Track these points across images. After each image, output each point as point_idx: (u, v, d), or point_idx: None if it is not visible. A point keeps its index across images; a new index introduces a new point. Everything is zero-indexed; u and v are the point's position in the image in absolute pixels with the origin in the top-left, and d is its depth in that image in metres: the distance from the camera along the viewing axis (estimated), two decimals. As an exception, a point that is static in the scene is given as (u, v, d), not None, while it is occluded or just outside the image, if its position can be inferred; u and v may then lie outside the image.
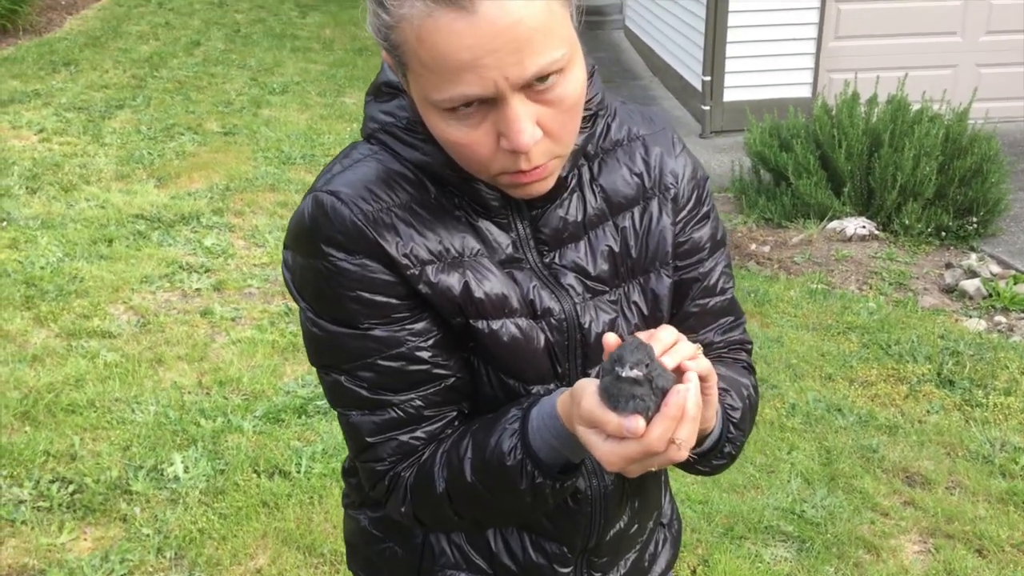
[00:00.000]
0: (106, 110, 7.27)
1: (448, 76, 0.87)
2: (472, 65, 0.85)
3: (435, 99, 0.89)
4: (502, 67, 0.86)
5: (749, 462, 3.33)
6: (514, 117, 0.89)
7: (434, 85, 0.88)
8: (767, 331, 4.33)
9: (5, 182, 5.64)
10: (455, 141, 0.93)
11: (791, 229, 5.63)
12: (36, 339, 3.93)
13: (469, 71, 0.85)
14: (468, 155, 0.94)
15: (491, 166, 0.94)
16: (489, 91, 0.87)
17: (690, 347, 0.91)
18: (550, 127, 0.92)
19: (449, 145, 0.94)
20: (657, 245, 1.12)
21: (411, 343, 1.01)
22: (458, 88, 0.87)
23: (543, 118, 0.91)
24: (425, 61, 0.87)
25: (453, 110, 0.90)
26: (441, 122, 0.92)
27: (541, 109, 0.91)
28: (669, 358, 0.88)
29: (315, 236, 0.99)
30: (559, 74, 0.90)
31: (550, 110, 0.91)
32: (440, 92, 0.88)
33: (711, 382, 0.93)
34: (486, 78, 0.86)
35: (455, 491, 1.02)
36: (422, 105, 0.93)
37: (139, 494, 2.99)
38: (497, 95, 0.88)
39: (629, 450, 0.85)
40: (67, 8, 10.52)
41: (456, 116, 0.91)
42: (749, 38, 7.04)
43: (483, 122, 0.91)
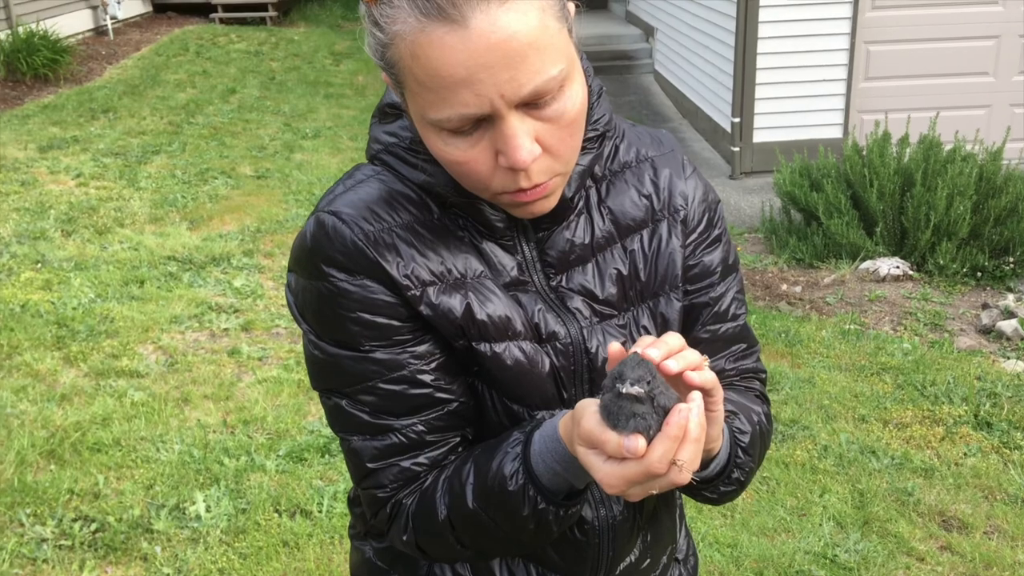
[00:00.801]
0: (142, 155, 7.41)
1: (443, 94, 0.85)
2: (467, 82, 0.84)
3: (432, 118, 0.88)
4: (497, 84, 0.84)
5: (780, 504, 3.25)
6: (511, 134, 0.87)
7: (430, 103, 0.87)
8: (798, 371, 4.26)
9: (41, 225, 5.74)
10: (453, 160, 0.91)
11: (823, 269, 5.56)
12: (65, 379, 3.96)
13: (464, 88, 0.84)
14: (467, 174, 0.92)
15: (491, 185, 0.93)
16: (485, 109, 0.86)
17: (696, 356, 0.88)
18: (549, 143, 0.91)
19: (448, 164, 0.93)
20: (667, 268, 1.09)
21: (413, 366, 0.99)
22: (454, 107, 0.86)
23: (542, 134, 0.90)
24: (420, 78, 0.86)
25: (451, 129, 0.89)
26: (439, 141, 0.91)
27: (539, 125, 0.89)
28: (675, 362, 0.84)
29: (316, 256, 0.98)
30: (557, 90, 0.88)
31: (549, 126, 0.90)
32: (437, 111, 0.87)
33: (717, 398, 0.90)
34: (482, 95, 0.85)
35: (457, 518, 0.99)
36: (420, 124, 0.92)
37: (160, 533, 2.97)
38: (493, 113, 0.86)
39: (630, 471, 0.82)
40: (107, 58, 10.79)
41: (454, 135, 0.89)
42: (779, 79, 7.04)
43: (481, 140, 0.89)
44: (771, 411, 1.20)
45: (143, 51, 11.35)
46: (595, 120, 1.04)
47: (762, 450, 1.13)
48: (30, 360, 4.08)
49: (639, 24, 11.33)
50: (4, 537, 2.90)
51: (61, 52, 9.59)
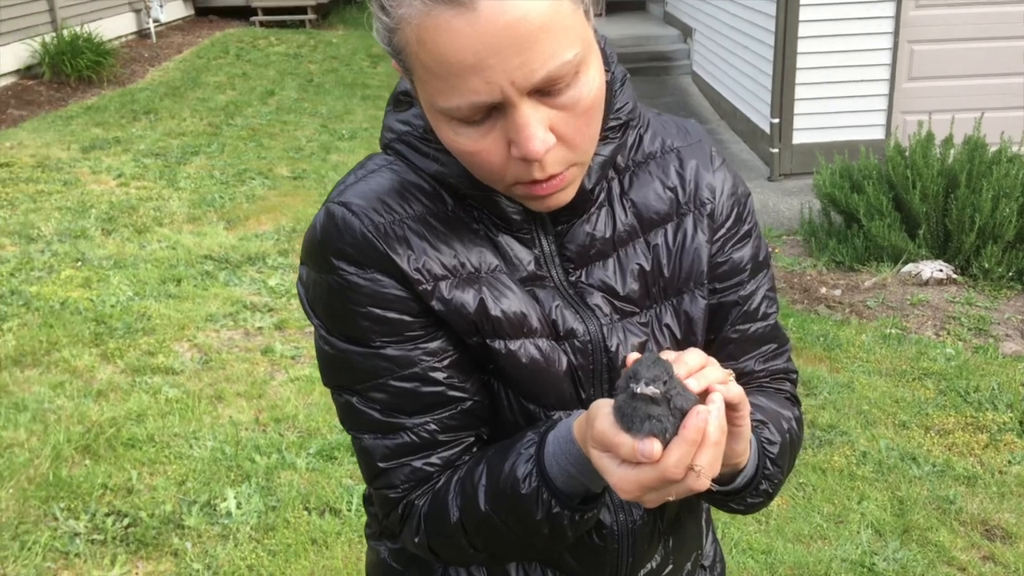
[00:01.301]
0: (182, 156, 7.48)
1: (451, 81, 0.82)
2: (475, 68, 0.80)
3: (441, 106, 0.85)
4: (507, 70, 0.80)
5: (816, 511, 3.18)
6: (523, 123, 0.84)
7: (438, 91, 0.84)
8: (837, 376, 4.18)
9: (82, 224, 5.82)
10: (464, 150, 0.88)
11: (863, 272, 5.46)
12: (102, 375, 4.00)
13: (473, 75, 0.81)
14: (479, 165, 0.89)
15: (504, 176, 0.89)
16: (495, 96, 0.82)
17: (720, 372, 0.84)
18: (564, 132, 0.87)
19: (459, 154, 0.90)
20: (691, 264, 1.05)
21: (425, 363, 0.97)
22: (463, 95, 0.82)
23: (556, 123, 0.86)
24: (427, 65, 0.83)
25: (461, 118, 0.85)
26: (449, 130, 0.88)
27: (554, 114, 0.85)
28: (695, 381, 0.81)
29: (325, 249, 0.96)
30: (572, 76, 0.85)
31: (563, 114, 0.86)
32: (445, 99, 0.84)
33: (743, 412, 0.86)
34: (491, 82, 0.81)
35: (469, 521, 0.96)
36: (430, 113, 0.89)
37: (191, 529, 2.98)
38: (504, 100, 0.83)
39: (644, 476, 0.78)
40: (149, 60, 10.94)
41: (464, 124, 0.86)
42: (819, 79, 6.93)
43: (492, 129, 0.86)
44: (802, 413, 1.16)
45: (184, 54, 11.49)
46: (618, 108, 1.00)
47: (792, 458, 1.09)
48: (68, 356, 4.12)
49: (677, 25, 11.24)
50: (38, 531, 2.93)
51: (104, 54, 9.74)
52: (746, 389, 1.11)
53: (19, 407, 3.66)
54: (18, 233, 5.61)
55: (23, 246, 5.42)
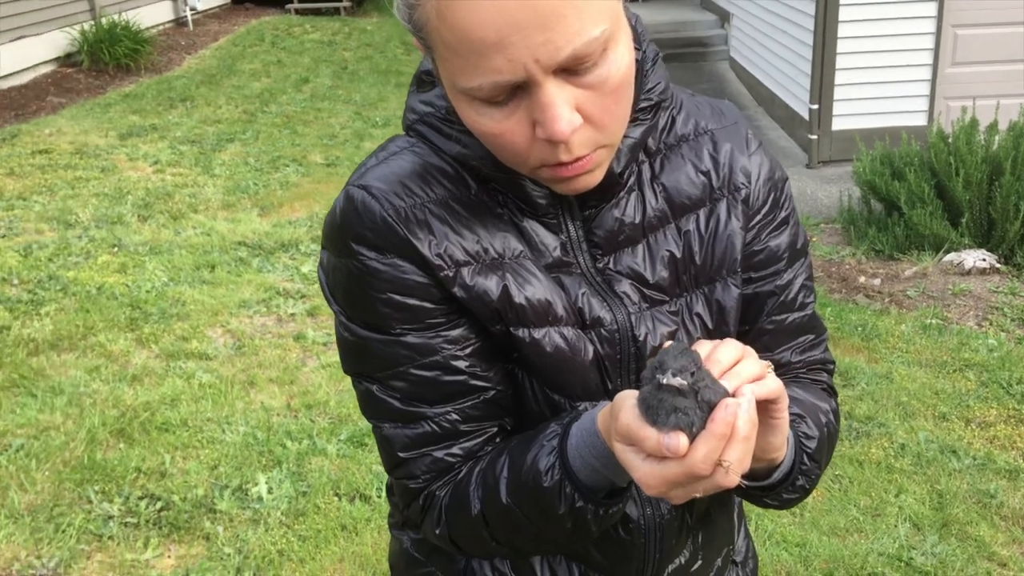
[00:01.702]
0: (217, 143, 7.53)
1: (473, 60, 0.78)
2: (498, 45, 0.77)
3: (463, 86, 0.82)
4: (531, 47, 0.77)
5: (852, 504, 3.12)
6: (549, 103, 0.80)
7: (460, 70, 0.81)
8: (875, 367, 4.10)
9: (119, 210, 5.87)
10: (487, 132, 0.85)
11: (904, 261, 5.35)
12: (137, 359, 4.04)
13: (496, 52, 0.77)
14: (502, 147, 0.86)
15: (529, 158, 0.86)
16: (519, 75, 0.78)
17: (755, 366, 0.80)
18: (591, 113, 0.83)
19: (482, 136, 0.87)
20: (724, 251, 1.01)
21: (446, 351, 0.94)
22: (485, 74, 0.79)
23: (583, 103, 0.82)
24: (448, 42, 0.79)
25: (483, 98, 0.82)
26: (471, 111, 0.84)
27: (580, 93, 0.82)
28: (728, 381, 0.78)
29: (344, 233, 0.93)
30: (599, 54, 0.81)
31: (591, 94, 0.82)
32: (467, 78, 0.80)
33: (781, 405, 0.83)
34: (514, 60, 0.77)
35: (491, 514, 0.93)
36: (451, 92, 0.86)
37: (223, 513, 3.00)
38: (529, 79, 0.79)
39: (670, 472, 0.75)
40: (186, 48, 11.01)
41: (487, 104, 0.82)
42: (860, 64, 6.79)
43: (517, 110, 0.82)
44: (839, 404, 1.12)
45: (221, 41, 11.56)
46: (649, 88, 0.96)
47: (829, 452, 1.05)
48: (104, 341, 4.16)
49: (714, 10, 11.09)
50: (72, 513, 2.96)
51: (142, 42, 9.82)
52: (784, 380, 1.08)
53: (56, 391, 3.70)
54: (56, 219, 5.67)
55: (61, 232, 5.49)
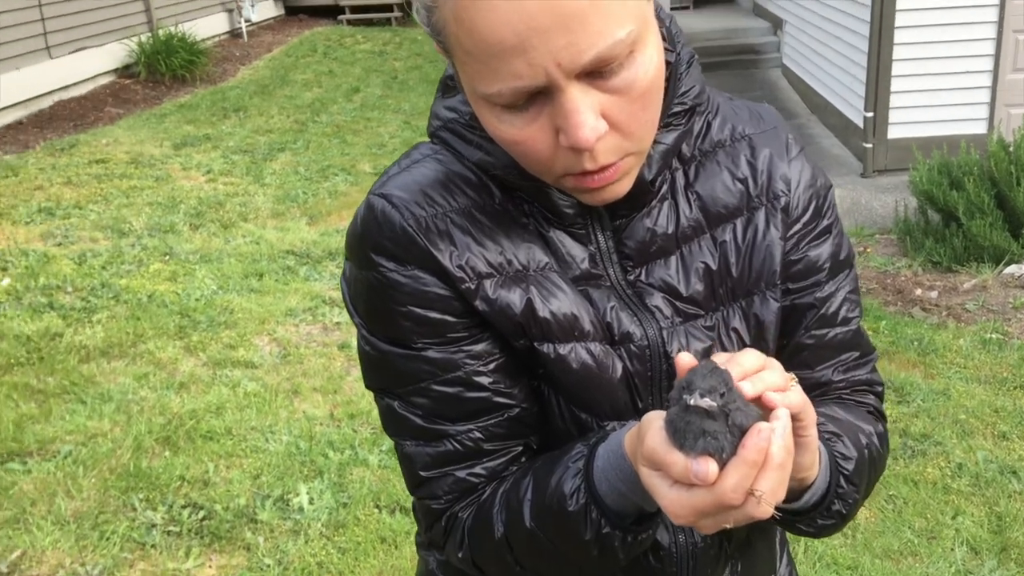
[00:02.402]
0: (268, 152, 7.61)
1: (492, 64, 0.75)
2: (517, 49, 0.73)
3: (483, 91, 0.78)
4: (552, 51, 0.73)
5: (907, 525, 3.02)
6: (572, 109, 0.76)
7: (480, 75, 0.77)
8: (932, 383, 3.97)
9: (171, 219, 5.95)
10: (509, 139, 0.81)
11: (962, 273, 5.20)
12: (185, 367, 4.07)
13: (515, 56, 0.73)
14: (525, 154, 0.82)
15: (553, 167, 0.82)
16: (540, 80, 0.75)
17: (778, 377, 0.75)
18: (618, 119, 0.79)
19: (504, 143, 0.83)
20: (763, 263, 0.96)
21: (469, 367, 0.90)
22: (505, 80, 0.75)
23: (609, 109, 0.78)
24: (467, 46, 0.76)
25: (504, 104, 0.78)
26: (492, 117, 0.80)
27: (605, 98, 0.77)
28: (750, 384, 0.73)
29: (364, 243, 0.90)
30: (626, 56, 0.76)
31: (617, 99, 0.78)
32: (487, 83, 0.77)
33: (807, 421, 0.78)
34: (535, 65, 0.73)
35: (515, 537, 0.89)
36: (472, 98, 0.82)
37: (264, 523, 3.00)
38: (551, 84, 0.75)
39: (698, 500, 0.70)
40: (240, 59, 11.18)
41: (508, 111, 0.79)
42: (917, 71, 6.63)
43: (539, 116, 0.78)
44: (887, 431, 1.05)
45: (274, 52, 11.71)
46: (683, 93, 0.92)
47: (872, 477, 0.98)
48: (153, 348, 4.21)
49: (767, 16, 10.95)
50: (117, 520, 2.98)
51: (197, 54, 9.98)
52: (823, 400, 1.02)
53: (104, 398, 3.74)
54: (111, 227, 5.77)
55: (115, 240, 5.58)
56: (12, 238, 5.46)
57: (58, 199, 6.19)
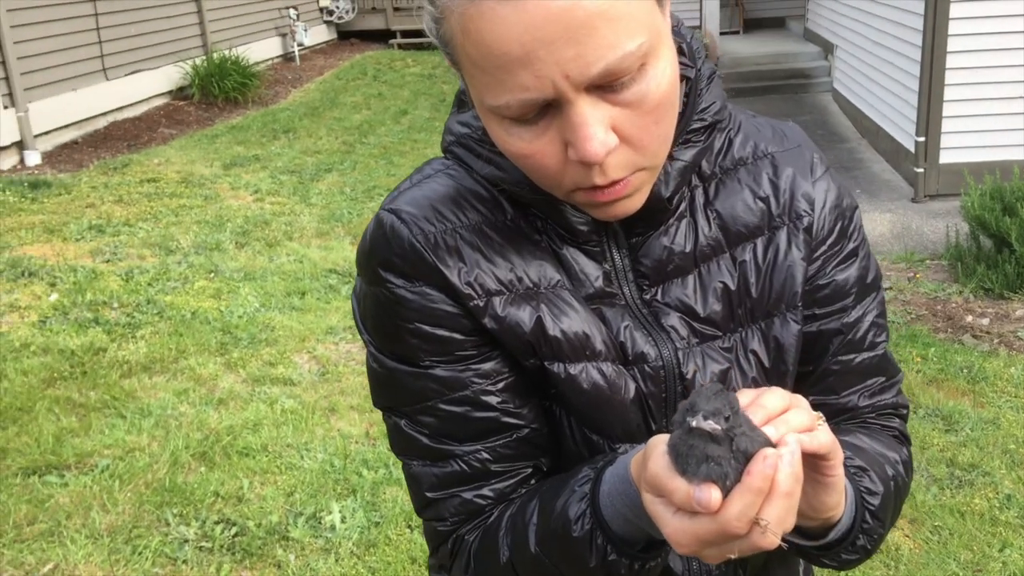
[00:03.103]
0: (316, 173, 7.70)
1: (499, 76, 0.73)
2: (523, 61, 0.71)
3: (490, 104, 0.76)
4: (560, 63, 0.71)
5: (952, 557, 2.92)
6: (580, 122, 0.74)
7: (487, 87, 0.75)
8: (981, 411, 3.86)
9: (218, 237, 6.04)
10: (518, 152, 0.79)
11: (1015, 301, 5.06)
12: (224, 383, 4.11)
13: (521, 68, 0.72)
14: (534, 168, 0.80)
15: (562, 181, 0.80)
16: (547, 93, 0.73)
17: (805, 417, 0.72)
18: (629, 133, 0.77)
19: (513, 157, 0.81)
20: (784, 284, 0.93)
21: (477, 386, 0.88)
22: (512, 92, 0.74)
23: (619, 122, 0.76)
24: (474, 58, 0.74)
25: (512, 117, 0.77)
26: (501, 131, 0.79)
27: (616, 112, 0.75)
28: (773, 429, 0.69)
29: (373, 259, 0.89)
30: (637, 69, 0.74)
31: (628, 112, 0.76)
32: (494, 96, 0.75)
33: (834, 462, 0.74)
34: (542, 77, 0.72)
35: (519, 562, 0.87)
36: (481, 111, 0.81)
37: (296, 541, 2.99)
38: (559, 97, 0.73)
39: (701, 528, 0.67)
40: (292, 82, 11.36)
41: (516, 124, 0.77)
42: (969, 96, 6.51)
43: (548, 129, 0.77)
44: (911, 454, 1.01)
45: (325, 75, 11.88)
46: (703, 109, 0.90)
47: (897, 507, 0.95)
48: (194, 364, 4.25)
49: (818, 41, 10.85)
50: (150, 535, 3.00)
51: (250, 76, 10.16)
52: (848, 426, 0.98)
53: (144, 412, 3.78)
54: (159, 245, 5.87)
55: (162, 257, 5.67)
56: (62, 254, 5.57)
57: (109, 217, 6.32)
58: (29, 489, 3.25)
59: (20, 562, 2.88)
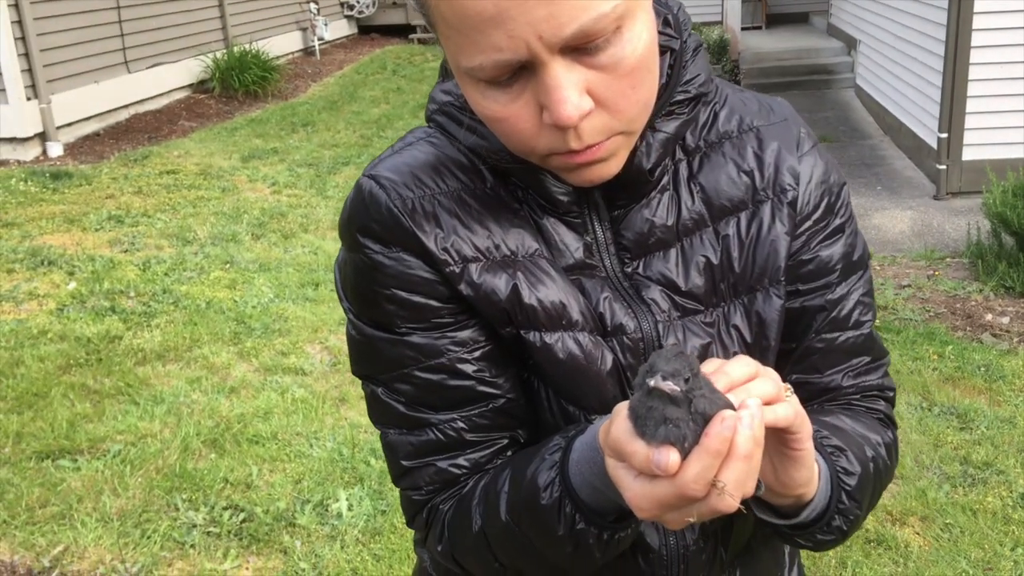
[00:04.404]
0: (333, 166, 7.72)
1: (472, 36, 0.73)
2: (496, 20, 0.70)
3: (465, 66, 0.76)
4: (532, 22, 0.70)
5: (963, 555, 2.88)
6: (554, 85, 0.73)
7: (461, 48, 0.75)
8: (998, 410, 3.81)
9: (234, 228, 6.07)
10: (493, 116, 0.78)
11: (1035, 299, 4.99)
12: (237, 372, 4.12)
13: (494, 28, 0.71)
14: (509, 133, 0.79)
15: (537, 146, 0.79)
16: (521, 53, 0.72)
17: (770, 387, 0.71)
18: (604, 96, 0.76)
19: (488, 121, 0.80)
20: (767, 258, 0.92)
21: (453, 353, 0.88)
22: (485, 52, 0.73)
23: (595, 86, 0.75)
24: (448, 18, 0.74)
25: (487, 79, 0.76)
26: (476, 93, 0.78)
27: (592, 75, 0.75)
28: (735, 396, 0.69)
29: (352, 225, 0.89)
30: (612, 32, 0.73)
31: (604, 76, 0.75)
32: (468, 57, 0.74)
33: (802, 435, 0.73)
34: (515, 37, 0.71)
35: (491, 531, 0.86)
36: (457, 75, 0.80)
37: (302, 527, 3.00)
38: (532, 58, 0.72)
39: (660, 491, 0.66)
40: (312, 76, 11.40)
41: (491, 86, 0.76)
42: (993, 92, 6.43)
43: (523, 92, 0.76)
44: (897, 437, 0.99)
45: (345, 69, 11.92)
46: (687, 80, 0.88)
47: (877, 490, 0.93)
48: (208, 353, 4.28)
49: (841, 37, 10.76)
50: (159, 519, 3.02)
51: (270, 70, 10.21)
52: (832, 407, 0.97)
53: (157, 400, 3.81)
54: (176, 236, 5.90)
55: (179, 248, 5.70)
56: (81, 244, 5.62)
57: (128, 207, 6.37)
58: (42, 473, 3.28)
59: (31, 544, 2.90)
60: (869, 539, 2.97)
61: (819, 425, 0.87)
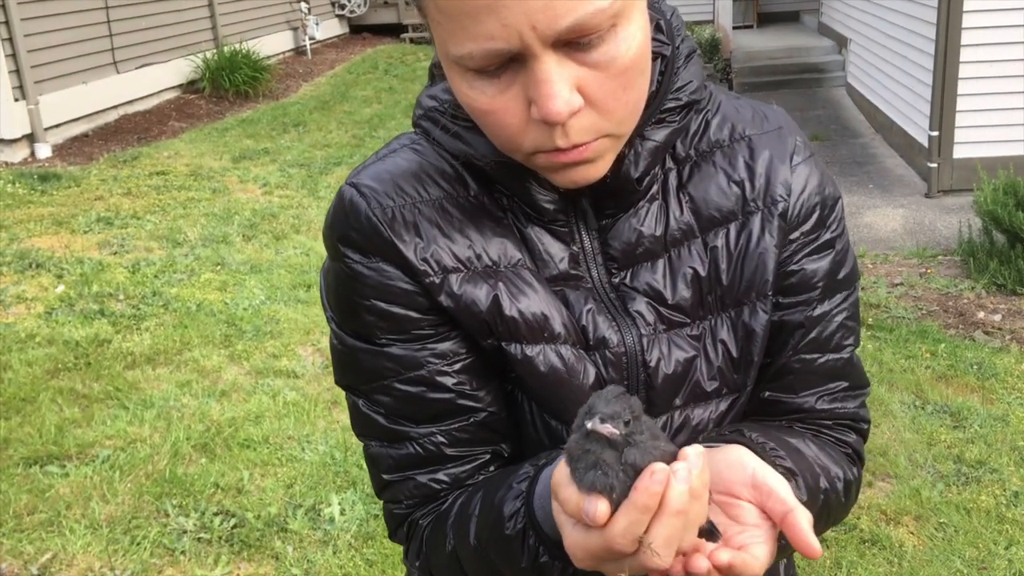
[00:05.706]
0: (324, 166, 7.69)
1: (464, 23, 0.71)
2: (490, 7, 0.69)
3: (454, 54, 0.74)
4: (528, 12, 0.69)
5: (957, 555, 2.88)
6: (545, 79, 0.71)
7: (451, 34, 0.73)
8: (991, 408, 3.81)
9: (225, 230, 6.04)
10: (479, 108, 0.77)
11: (1027, 297, 5.00)
12: (228, 375, 4.10)
13: (488, 16, 0.69)
14: (495, 126, 0.78)
15: (523, 142, 0.77)
16: (514, 43, 0.70)
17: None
18: (595, 96, 0.74)
19: (473, 113, 0.79)
20: (755, 271, 0.90)
21: (432, 366, 0.86)
22: (477, 40, 0.71)
23: (586, 84, 0.73)
24: (440, 4, 0.72)
25: (475, 69, 0.74)
26: (463, 84, 0.76)
27: (584, 72, 0.73)
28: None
29: (333, 233, 0.87)
30: (608, 29, 0.72)
31: (596, 74, 0.73)
32: (458, 44, 0.73)
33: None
34: (508, 26, 0.69)
35: (463, 554, 0.85)
36: (445, 64, 0.78)
37: (294, 533, 2.98)
38: (524, 50, 0.71)
39: (592, 542, 0.64)
40: (303, 76, 11.36)
41: (479, 76, 0.74)
42: (983, 90, 6.44)
43: (512, 85, 0.74)
44: (860, 476, 0.96)
45: (336, 69, 11.88)
46: (679, 87, 0.87)
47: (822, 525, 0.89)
48: (198, 356, 4.25)
49: (831, 35, 10.77)
50: (149, 526, 3.00)
51: (261, 70, 10.16)
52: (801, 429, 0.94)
53: (147, 404, 3.78)
54: (166, 237, 5.87)
55: (169, 250, 5.67)
56: (69, 246, 5.59)
57: (117, 209, 6.33)
58: (30, 479, 3.26)
59: (19, 551, 2.88)
60: (864, 539, 2.96)
61: (779, 444, 0.85)
